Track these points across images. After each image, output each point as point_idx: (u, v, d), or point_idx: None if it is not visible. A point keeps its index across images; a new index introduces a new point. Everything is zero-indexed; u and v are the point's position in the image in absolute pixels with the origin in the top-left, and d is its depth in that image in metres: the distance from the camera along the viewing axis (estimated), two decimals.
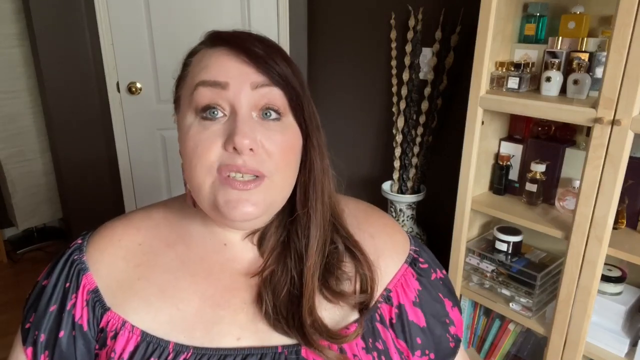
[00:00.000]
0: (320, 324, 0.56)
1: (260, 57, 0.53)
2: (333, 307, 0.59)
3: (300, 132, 0.57)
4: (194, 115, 0.54)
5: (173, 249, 0.61)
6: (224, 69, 0.53)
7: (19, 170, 2.52)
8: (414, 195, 1.93)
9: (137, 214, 0.65)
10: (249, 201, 0.52)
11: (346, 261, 0.60)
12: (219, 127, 0.52)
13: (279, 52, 0.56)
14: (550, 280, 1.41)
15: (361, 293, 0.59)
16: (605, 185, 1.13)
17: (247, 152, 0.51)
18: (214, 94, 0.52)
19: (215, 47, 0.55)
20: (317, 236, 0.57)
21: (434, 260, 0.68)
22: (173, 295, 0.58)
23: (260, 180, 0.53)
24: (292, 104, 0.55)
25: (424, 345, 0.61)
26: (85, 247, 0.61)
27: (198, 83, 0.53)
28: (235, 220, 0.53)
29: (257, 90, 0.52)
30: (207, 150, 0.52)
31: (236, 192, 0.52)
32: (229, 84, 0.52)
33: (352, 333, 0.56)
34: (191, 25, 2.16)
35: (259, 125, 0.53)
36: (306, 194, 0.58)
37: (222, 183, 0.52)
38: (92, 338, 0.58)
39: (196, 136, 0.53)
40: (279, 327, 0.56)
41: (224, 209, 0.52)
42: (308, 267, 0.56)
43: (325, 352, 0.54)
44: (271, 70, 0.53)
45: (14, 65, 2.38)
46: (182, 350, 0.55)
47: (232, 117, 0.52)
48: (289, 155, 0.55)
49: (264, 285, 0.58)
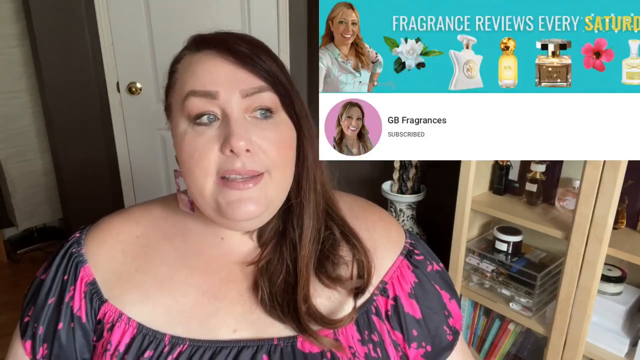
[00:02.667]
0: (314, 311, 0.56)
1: (247, 57, 0.53)
2: (329, 295, 0.59)
3: (293, 125, 0.57)
4: (187, 122, 0.54)
5: (171, 242, 0.62)
6: (213, 75, 0.53)
7: (19, 170, 2.52)
8: (414, 195, 1.93)
9: (135, 208, 0.66)
10: (251, 200, 0.53)
11: (342, 247, 0.61)
12: (214, 131, 0.53)
13: (264, 49, 0.56)
14: (550, 280, 1.41)
15: (358, 278, 0.60)
16: (605, 185, 1.13)
17: (244, 154, 0.52)
18: (205, 103, 0.53)
19: (200, 52, 0.55)
20: (310, 226, 0.58)
21: (429, 253, 0.68)
22: (170, 287, 0.59)
23: (259, 178, 0.53)
24: (283, 100, 0.55)
25: (420, 337, 0.62)
26: (84, 240, 0.62)
27: (188, 93, 0.53)
28: (238, 220, 0.54)
29: (246, 98, 0.53)
30: (204, 156, 0.52)
31: (237, 193, 0.52)
32: (219, 92, 0.52)
33: (346, 318, 0.57)
34: (191, 25, 2.14)
35: (252, 125, 0.53)
36: (299, 184, 0.59)
37: (222, 186, 0.53)
38: (90, 330, 0.59)
39: (192, 143, 0.53)
40: (274, 314, 0.57)
41: (226, 211, 0.53)
42: (302, 256, 0.57)
43: (320, 339, 0.55)
44: (259, 69, 0.53)
45: (14, 65, 2.38)
46: (178, 342, 0.56)
47: (225, 120, 0.53)
48: (286, 151, 0.56)
49: (260, 273, 0.59)
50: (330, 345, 0.56)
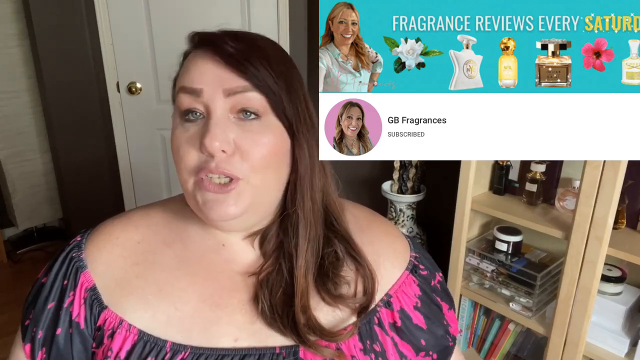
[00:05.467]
0: (314, 323, 0.56)
1: (232, 56, 0.53)
2: (331, 310, 0.59)
3: (285, 130, 0.56)
4: (179, 118, 0.55)
5: (171, 248, 0.61)
6: (199, 73, 0.54)
7: (19, 170, 2.52)
8: (414, 195, 1.93)
9: (136, 212, 0.65)
10: (226, 202, 0.53)
11: (346, 266, 0.61)
12: (196, 129, 0.54)
13: (258, 50, 0.55)
14: (550, 280, 1.41)
15: (362, 295, 0.59)
16: (605, 185, 1.13)
17: (219, 154, 0.52)
18: (191, 100, 0.53)
19: (197, 49, 0.56)
20: (306, 235, 0.58)
21: (432, 265, 0.69)
22: (171, 294, 0.58)
23: (235, 183, 0.53)
24: (272, 103, 0.54)
25: (427, 347, 0.62)
26: (84, 244, 0.61)
27: (179, 88, 0.55)
28: (214, 220, 0.54)
29: (230, 97, 0.53)
30: (187, 153, 0.53)
31: (212, 194, 0.53)
32: (203, 90, 0.53)
33: (347, 332, 0.56)
34: (191, 25, 2.14)
35: (234, 125, 0.53)
36: (294, 192, 0.58)
37: (199, 185, 0.54)
38: (89, 336, 0.58)
39: (179, 138, 0.55)
40: (275, 326, 0.56)
41: (203, 209, 0.54)
42: (298, 267, 0.57)
43: (320, 350, 0.55)
44: (245, 72, 0.53)
45: (14, 65, 2.38)
46: (180, 349, 0.55)
47: (207, 119, 0.53)
48: (269, 156, 0.55)
49: (261, 285, 0.58)
50: (332, 355, 0.55)
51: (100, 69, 2.25)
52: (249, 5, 2.19)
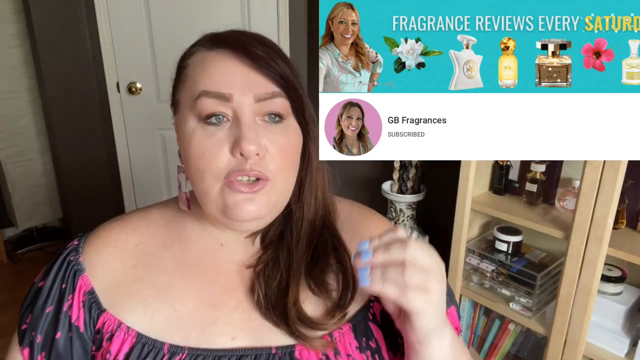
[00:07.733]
0: (302, 315, 0.57)
1: (263, 60, 0.52)
2: (320, 301, 0.59)
3: (301, 130, 0.57)
4: (196, 121, 0.53)
5: (170, 250, 0.61)
6: (227, 77, 0.52)
7: (19, 170, 2.52)
8: (414, 195, 1.93)
9: (134, 214, 0.65)
10: (255, 200, 0.53)
11: (332, 258, 0.61)
12: (224, 133, 0.53)
13: (278, 52, 0.56)
14: (550, 280, 1.42)
15: (343, 290, 0.60)
16: (605, 185, 1.13)
17: (254, 157, 0.52)
18: (218, 104, 0.52)
19: (214, 50, 0.54)
20: (307, 230, 0.59)
21: None
22: (169, 295, 0.58)
23: (264, 183, 0.53)
24: (294, 105, 0.55)
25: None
26: (82, 248, 0.61)
27: (201, 93, 0.53)
28: (242, 219, 0.54)
29: (260, 102, 0.53)
30: (214, 158, 0.52)
31: (242, 195, 0.53)
32: (233, 95, 0.52)
33: (334, 320, 0.57)
34: (191, 25, 2.15)
35: (262, 129, 0.53)
36: (301, 189, 0.59)
37: (229, 187, 0.53)
38: (88, 339, 0.58)
39: (202, 143, 0.53)
40: (269, 317, 0.57)
41: (232, 210, 0.53)
42: (296, 260, 0.58)
43: (310, 341, 0.55)
44: (274, 74, 0.53)
45: (14, 65, 2.38)
46: (177, 351, 0.55)
47: (236, 122, 0.52)
48: (291, 158, 0.56)
49: (257, 276, 0.59)
50: (323, 347, 0.56)
51: (100, 68, 2.25)
52: (249, 5, 2.19)
